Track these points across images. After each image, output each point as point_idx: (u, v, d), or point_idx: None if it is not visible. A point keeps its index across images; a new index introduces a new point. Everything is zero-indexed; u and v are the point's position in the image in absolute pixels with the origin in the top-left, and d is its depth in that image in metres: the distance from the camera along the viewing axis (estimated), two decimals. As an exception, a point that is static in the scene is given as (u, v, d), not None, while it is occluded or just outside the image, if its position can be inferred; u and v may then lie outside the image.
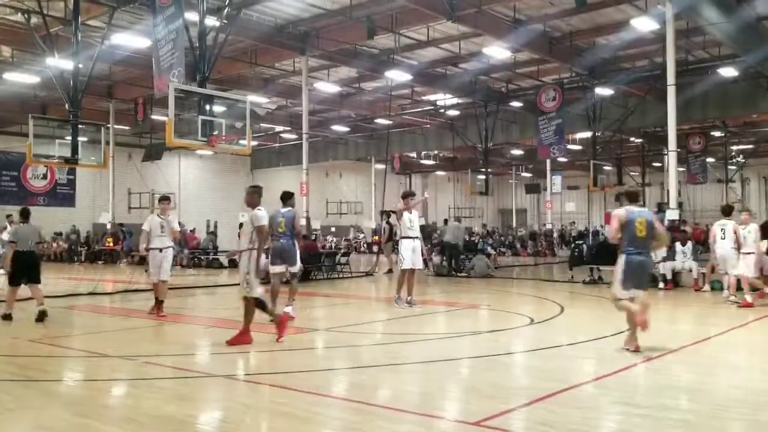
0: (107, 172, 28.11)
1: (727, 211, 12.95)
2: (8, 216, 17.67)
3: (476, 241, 24.16)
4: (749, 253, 11.92)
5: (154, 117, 26.78)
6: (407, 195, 12.05)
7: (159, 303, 10.86)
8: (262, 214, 8.04)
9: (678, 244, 15.55)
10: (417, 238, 11.81)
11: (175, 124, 12.72)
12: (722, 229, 12.55)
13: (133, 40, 18.78)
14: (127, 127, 30.77)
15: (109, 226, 29.29)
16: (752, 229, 12.13)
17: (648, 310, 7.23)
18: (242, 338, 7.88)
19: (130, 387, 6.34)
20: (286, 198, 10.78)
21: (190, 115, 13.33)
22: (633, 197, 7.88)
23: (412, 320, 10.64)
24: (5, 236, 13.33)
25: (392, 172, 43.58)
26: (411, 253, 11.58)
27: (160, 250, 10.85)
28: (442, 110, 30.79)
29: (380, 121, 31.87)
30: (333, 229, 34.42)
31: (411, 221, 11.75)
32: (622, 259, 7.43)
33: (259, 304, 8.00)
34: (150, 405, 5.59)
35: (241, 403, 5.62)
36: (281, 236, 10.23)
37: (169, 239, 10.99)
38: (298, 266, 10.59)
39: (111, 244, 28.19)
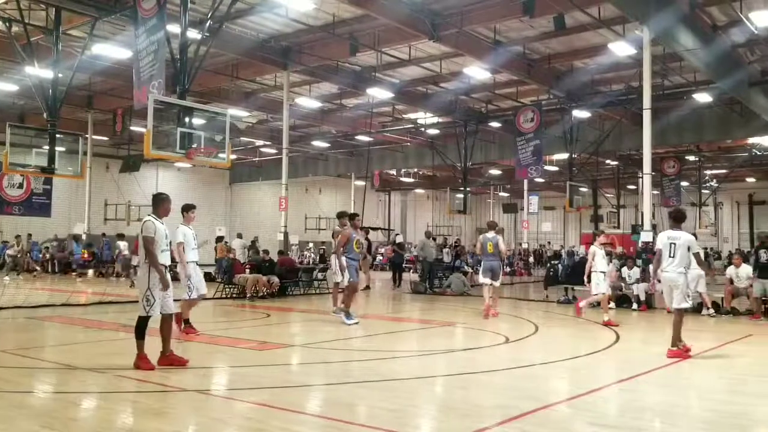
0: (84, 182, 27.86)
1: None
2: None
3: (450, 255, 24.14)
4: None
5: (132, 128, 26.65)
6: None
7: (186, 320, 10.28)
8: (149, 225, 7.48)
9: (651, 267, 15.70)
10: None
11: (154, 136, 12.62)
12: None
13: (114, 51, 18.71)
14: (105, 138, 30.56)
15: (84, 237, 28.96)
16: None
17: None
18: (170, 359, 7.52)
19: (101, 400, 6.25)
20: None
21: (169, 127, 13.25)
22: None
23: (388, 337, 10.63)
24: None
25: (372, 189, 43.71)
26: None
27: (197, 263, 10.30)
28: (423, 129, 30.97)
29: (361, 137, 31.96)
30: (311, 245, 34.33)
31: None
32: None
33: (168, 318, 7.54)
34: (120, 419, 5.53)
35: (214, 418, 5.56)
36: None
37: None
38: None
39: (86, 256, 27.84)
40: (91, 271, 26.51)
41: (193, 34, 14.69)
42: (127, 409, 5.92)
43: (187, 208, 10.52)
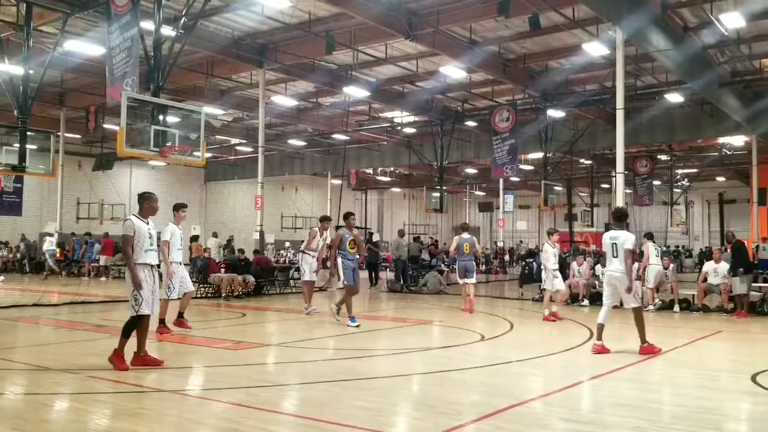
0: (56, 181, 27.48)
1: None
2: None
3: (424, 252, 24.22)
4: None
5: (105, 126, 26.34)
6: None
7: (162, 320, 10.26)
8: (128, 224, 7.47)
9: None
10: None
11: (127, 134, 12.52)
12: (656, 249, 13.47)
13: (87, 48, 18.46)
14: (77, 136, 30.16)
15: (56, 236, 28.56)
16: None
17: None
18: (151, 360, 7.45)
19: (74, 401, 6.18)
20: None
21: (143, 124, 13.12)
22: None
23: (364, 336, 10.64)
24: None
25: (348, 187, 43.67)
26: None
27: (180, 263, 10.34)
28: (399, 127, 31.02)
29: (337, 136, 31.92)
30: (287, 244, 34.23)
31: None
32: None
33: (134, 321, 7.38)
34: (94, 420, 5.48)
35: (188, 418, 5.53)
36: None
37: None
38: None
39: (58, 255, 27.47)
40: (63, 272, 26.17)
41: (168, 31, 14.56)
42: (100, 410, 5.86)
43: (177, 207, 10.61)
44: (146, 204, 7.65)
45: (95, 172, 32.12)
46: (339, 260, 11.47)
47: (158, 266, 7.84)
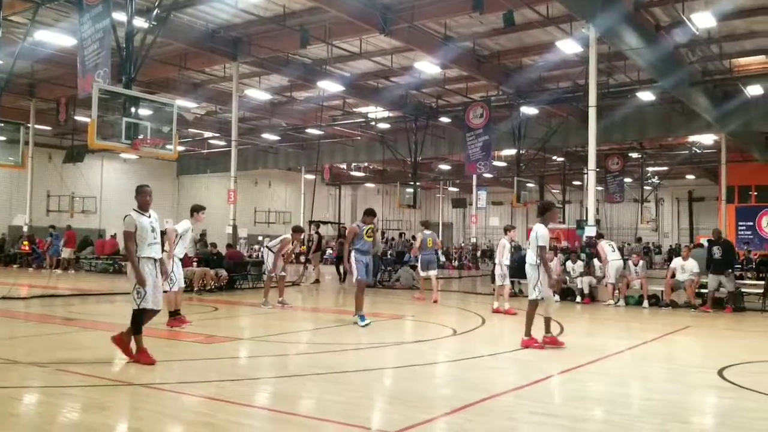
0: (25, 173, 27.05)
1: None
2: None
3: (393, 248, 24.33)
4: None
5: (76, 118, 25.97)
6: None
7: (177, 312, 10.33)
8: (129, 219, 7.33)
9: (596, 261, 16.15)
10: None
11: (99, 126, 12.37)
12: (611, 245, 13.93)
13: (58, 38, 18.20)
14: (48, 128, 29.69)
15: (25, 229, 28.13)
16: None
17: None
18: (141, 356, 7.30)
19: (42, 395, 6.11)
20: None
21: (115, 117, 12.97)
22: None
23: (336, 330, 10.65)
24: None
25: (322, 182, 43.60)
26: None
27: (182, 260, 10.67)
28: (373, 123, 31.02)
29: (311, 131, 31.82)
30: (260, 238, 34.06)
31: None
32: None
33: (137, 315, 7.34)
34: (63, 414, 5.42)
35: (159, 412, 5.50)
36: None
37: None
38: None
39: (27, 248, 27.07)
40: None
41: (140, 22, 14.40)
42: (70, 403, 5.79)
43: (197, 209, 10.85)
44: (141, 197, 7.54)
45: (66, 165, 31.67)
46: (353, 255, 10.99)
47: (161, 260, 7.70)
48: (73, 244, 24.75)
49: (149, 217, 7.46)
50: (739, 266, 22.75)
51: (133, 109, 12.91)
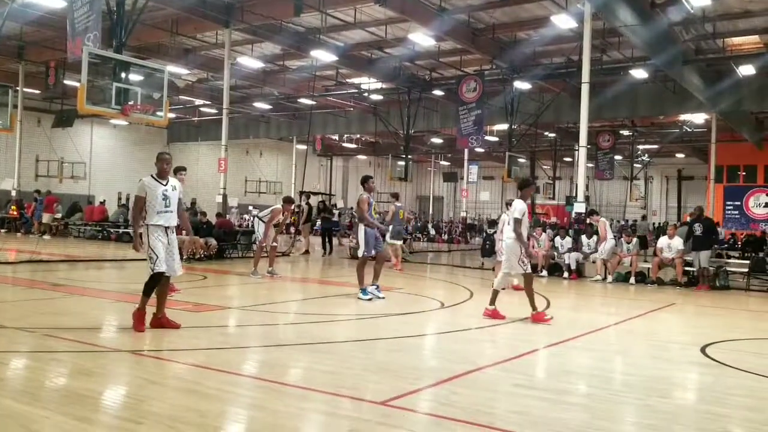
0: (14, 136, 26.80)
1: None
2: None
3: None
4: None
5: (66, 82, 25.69)
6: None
7: None
8: (141, 185, 7.35)
9: (584, 237, 16.26)
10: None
11: (88, 91, 12.27)
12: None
13: (47, 0, 17.90)
14: (37, 91, 29.33)
15: (14, 194, 27.94)
16: None
17: None
18: (168, 322, 7.44)
19: (29, 360, 6.12)
20: None
21: (105, 82, 12.86)
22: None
23: (325, 301, 10.70)
24: None
25: (314, 153, 43.45)
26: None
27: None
28: (366, 94, 30.84)
29: (303, 101, 31.63)
30: (251, 208, 34.05)
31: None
32: None
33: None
34: (50, 379, 5.44)
35: (146, 379, 5.52)
36: None
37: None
38: None
39: (15, 213, 26.92)
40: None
41: (131, -15, 14.19)
42: (57, 369, 5.81)
43: (175, 171, 10.37)
44: (159, 164, 7.50)
45: (55, 129, 31.39)
46: (361, 228, 10.68)
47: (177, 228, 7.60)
48: (52, 209, 24.58)
49: (165, 185, 7.39)
50: (726, 245, 23.03)
51: (123, 74, 12.79)
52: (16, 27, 21.86)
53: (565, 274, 15.90)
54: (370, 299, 10.61)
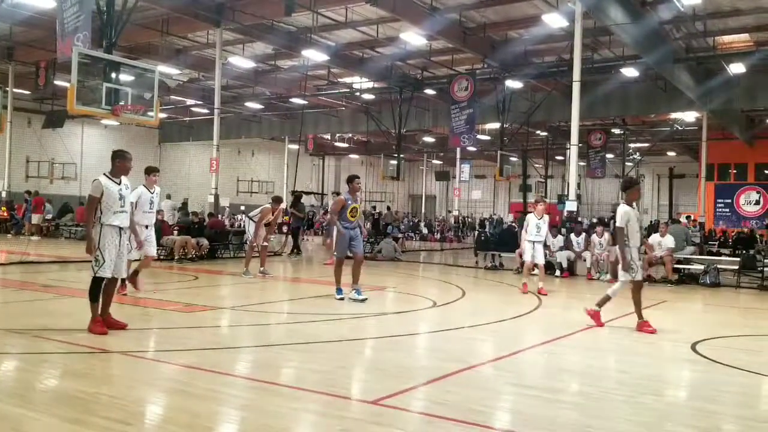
0: (4, 137, 26.64)
1: None
2: None
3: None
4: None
5: (56, 82, 25.54)
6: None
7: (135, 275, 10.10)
8: (96, 184, 7.14)
9: (573, 235, 16.30)
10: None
11: (79, 91, 12.21)
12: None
13: (37, 0, 17.80)
14: (27, 92, 29.12)
15: (4, 195, 27.78)
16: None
17: None
18: (114, 322, 7.26)
19: (19, 361, 6.08)
20: None
21: (95, 82, 12.80)
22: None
23: (317, 301, 10.68)
24: None
25: (306, 152, 43.35)
26: None
27: (147, 227, 9.84)
28: (358, 93, 30.81)
29: (295, 100, 31.57)
30: (243, 208, 33.96)
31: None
32: None
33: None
34: (40, 380, 5.41)
35: (137, 380, 5.50)
36: None
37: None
38: None
39: (5, 214, 26.77)
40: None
41: (121, -15, 14.13)
42: (47, 370, 5.78)
43: (148, 171, 10.21)
44: (118, 162, 7.30)
45: (45, 130, 31.24)
46: (334, 230, 10.50)
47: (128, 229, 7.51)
48: (41, 209, 24.46)
49: (119, 184, 7.26)
50: (716, 243, 23.14)
51: (113, 75, 12.74)
52: (5, 27, 21.76)
53: (557, 273, 15.92)
54: (342, 299, 10.41)
